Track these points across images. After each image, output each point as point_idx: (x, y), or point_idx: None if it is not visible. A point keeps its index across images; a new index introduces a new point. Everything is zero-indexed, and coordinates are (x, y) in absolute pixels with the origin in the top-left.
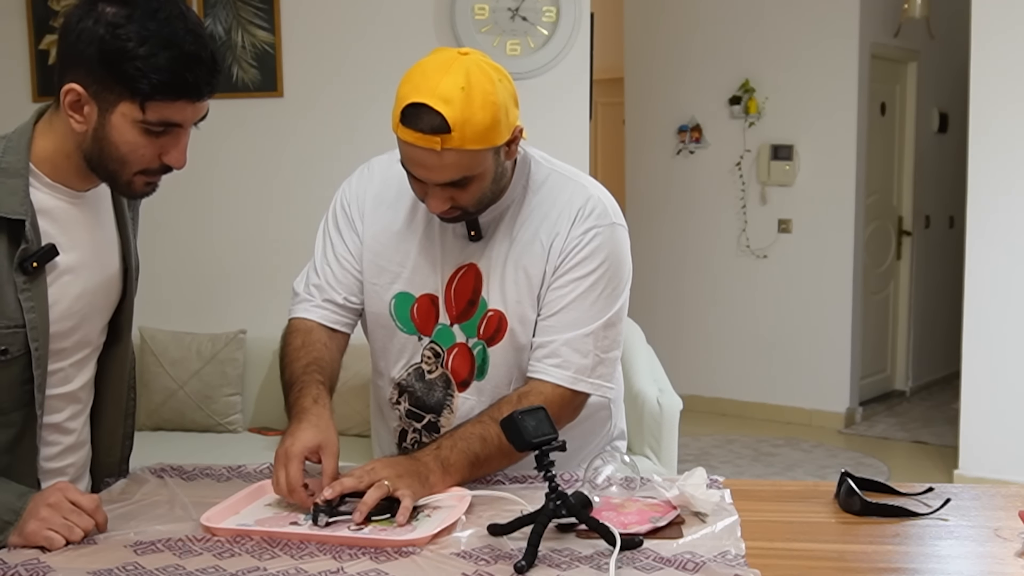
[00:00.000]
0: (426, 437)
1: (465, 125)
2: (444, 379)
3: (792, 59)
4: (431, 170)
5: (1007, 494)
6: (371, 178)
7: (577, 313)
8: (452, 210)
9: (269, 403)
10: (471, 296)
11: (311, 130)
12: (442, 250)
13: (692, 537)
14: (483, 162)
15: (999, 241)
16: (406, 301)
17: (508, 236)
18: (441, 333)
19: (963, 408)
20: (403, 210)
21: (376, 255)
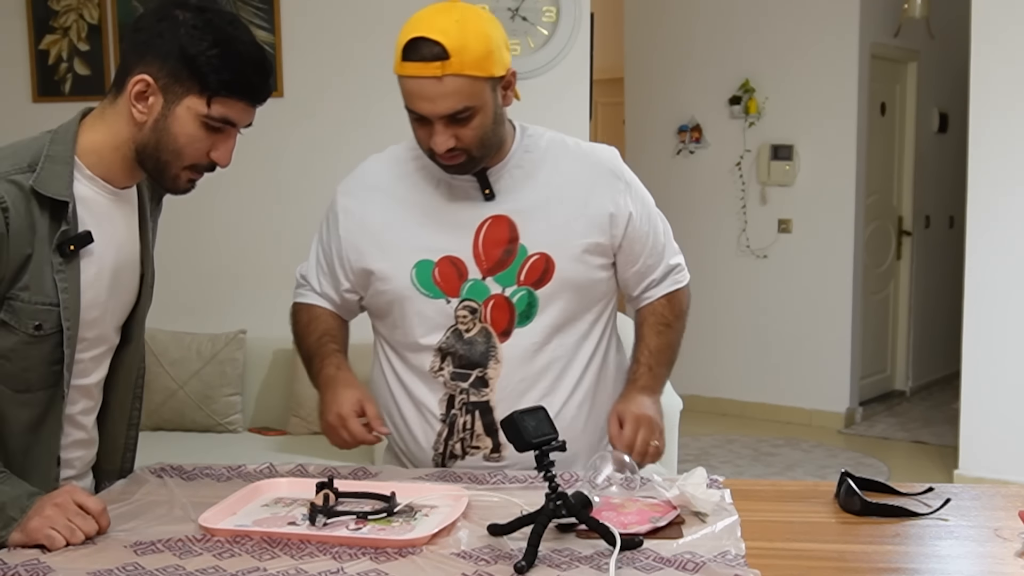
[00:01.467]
0: (475, 395)
1: (463, 51)
2: (484, 333)
3: (792, 59)
4: (434, 100)
5: (1007, 494)
6: (359, 179)
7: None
8: (457, 153)
9: (269, 403)
10: (506, 245)
11: (311, 130)
12: (457, 211)
13: (692, 537)
14: (482, 94)
15: (999, 241)
16: (426, 268)
17: (532, 186)
18: (473, 289)
19: (963, 408)
20: (406, 187)
21: (385, 234)
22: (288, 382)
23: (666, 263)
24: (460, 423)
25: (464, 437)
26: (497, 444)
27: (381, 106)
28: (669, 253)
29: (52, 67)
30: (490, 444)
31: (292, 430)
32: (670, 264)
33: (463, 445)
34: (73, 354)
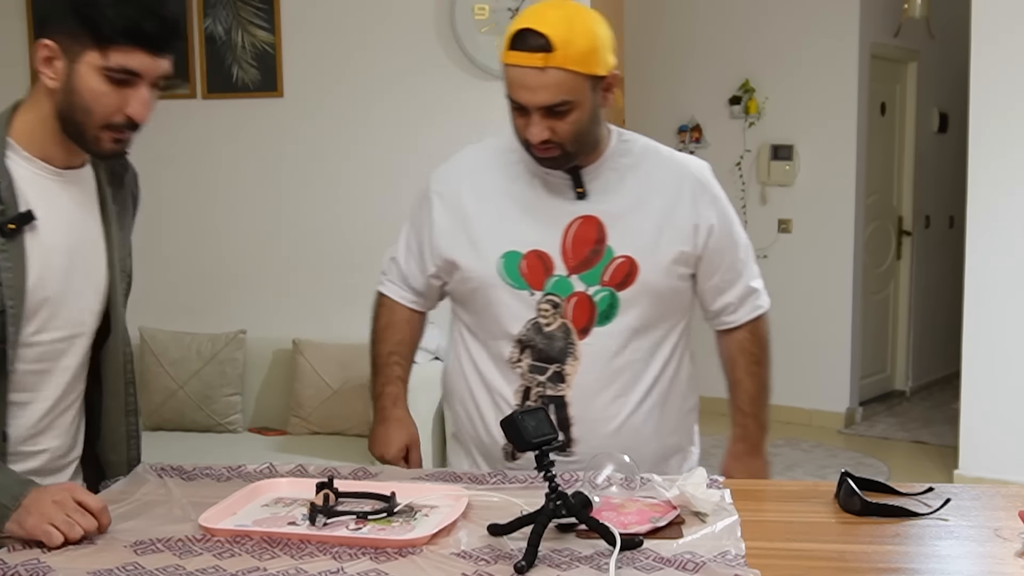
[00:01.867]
0: (551, 389)
1: (567, 45)
2: (563, 329)
3: (792, 59)
4: (535, 90)
5: (1007, 494)
6: (455, 166)
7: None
8: (551, 146)
9: (269, 403)
10: (593, 246)
11: (311, 130)
12: (548, 207)
13: (692, 537)
14: (582, 90)
15: (999, 241)
16: (514, 259)
17: (624, 190)
18: (558, 284)
19: (963, 408)
20: (500, 178)
21: (476, 222)
22: (288, 382)
23: (745, 284)
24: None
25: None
26: (569, 439)
27: (381, 105)
28: (748, 275)
29: None
30: (561, 438)
31: (292, 430)
32: (749, 286)
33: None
34: (18, 332)
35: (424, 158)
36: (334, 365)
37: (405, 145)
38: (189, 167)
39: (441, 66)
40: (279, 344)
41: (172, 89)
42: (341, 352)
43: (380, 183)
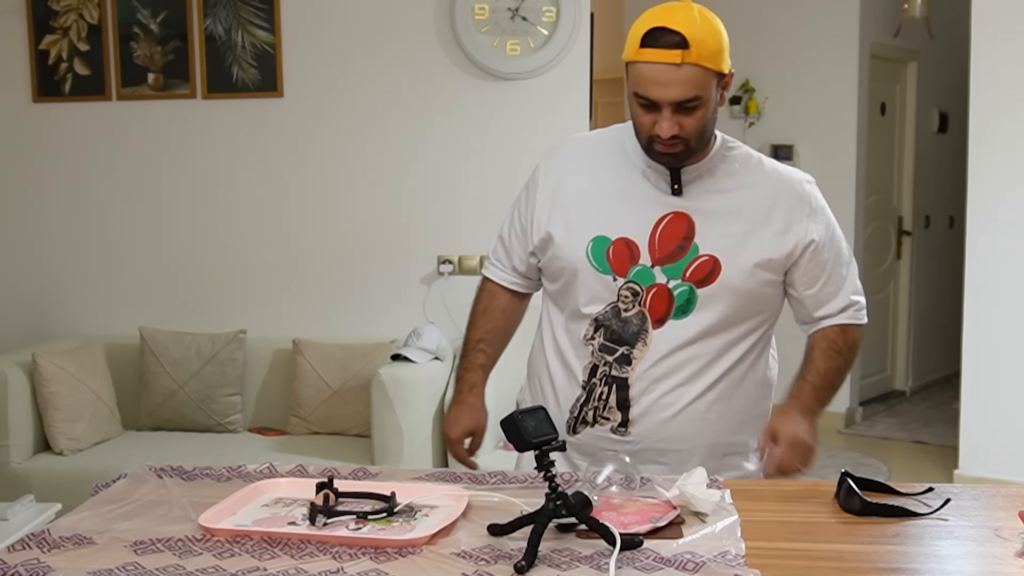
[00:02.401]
0: (616, 370)
1: (701, 44)
2: (640, 316)
3: (792, 59)
4: (668, 86)
5: (1007, 494)
6: (566, 149)
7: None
8: (677, 142)
9: (269, 403)
10: (680, 241)
11: (311, 130)
12: (643, 199)
13: (692, 537)
14: (710, 86)
15: (999, 241)
16: (602, 244)
17: (720, 193)
18: (640, 274)
19: (963, 408)
20: (602, 166)
21: (573, 204)
22: (288, 382)
23: (847, 296)
24: (597, 392)
25: (598, 406)
26: (626, 420)
27: (381, 105)
28: (850, 289)
29: (52, 67)
30: (619, 418)
31: (292, 430)
32: (851, 299)
33: (595, 413)
34: None
35: (424, 158)
36: (334, 365)
37: (405, 145)
38: (189, 167)
39: (441, 66)
40: (279, 344)
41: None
42: (341, 352)
43: (380, 183)
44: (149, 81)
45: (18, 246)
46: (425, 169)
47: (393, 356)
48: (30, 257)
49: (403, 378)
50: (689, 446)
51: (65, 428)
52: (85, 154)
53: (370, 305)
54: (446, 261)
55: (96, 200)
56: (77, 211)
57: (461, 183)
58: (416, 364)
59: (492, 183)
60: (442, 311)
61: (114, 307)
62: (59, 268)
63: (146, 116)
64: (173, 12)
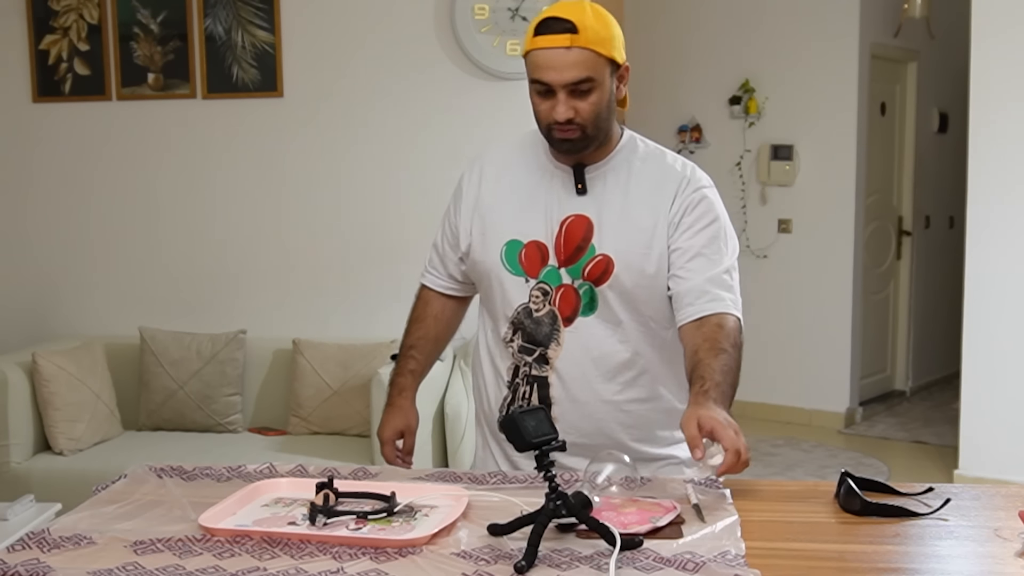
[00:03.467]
0: (536, 369)
1: (588, 29)
2: (551, 315)
3: (792, 59)
4: (561, 70)
5: (1007, 494)
6: (485, 157)
7: (708, 257)
8: (573, 127)
9: (269, 403)
10: (580, 242)
11: (311, 130)
12: (549, 202)
13: (692, 537)
14: (602, 71)
15: (999, 241)
16: (515, 247)
17: (618, 192)
18: (549, 275)
19: (963, 408)
20: (518, 170)
21: (489, 211)
22: (288, 382)
23: (708, 280)
24: (521, 391)
25: (522, 405)
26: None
27: (381, 105)
28: (719, 279)
29: (52, 67)
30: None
31: (292, 430)
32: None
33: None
34: None
35: (424, 158)
36: (334, 365)
37: (405, 145)
38: (189, 167)
39: (441, 66)
40: (279, 344)
41: (172, 89)
42: (341, 352)
43: (380, 183)
44: (149, 81)
45: (18, 246)
46: (425, 169)
47: (393, 356)
48: (30, 257)
49: None
50: (613, 441)
51: (65, 428)
52: (85, 154)
53: (370, 305)
54: None
55: (96, 200)
56: (77, 211)
57: None
58: None
59: None
60: None
61: (114, 307)
62: (59, 268)
63: (146, 116)
64: (173, 12)
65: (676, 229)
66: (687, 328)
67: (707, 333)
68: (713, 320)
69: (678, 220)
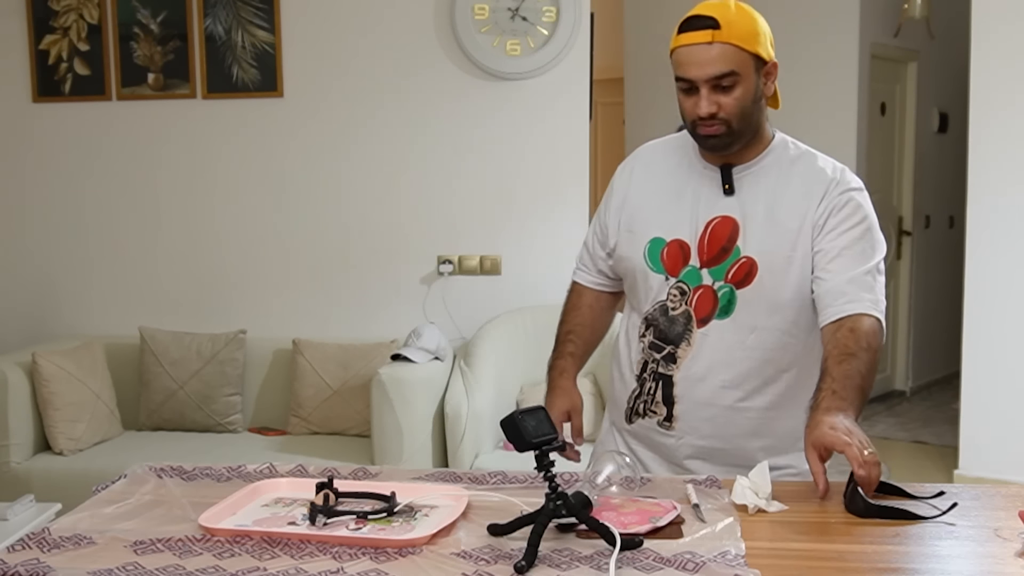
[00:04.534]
0: (663, 367)
1: (731, 24)
2: (686, 315)
3: (792, 59)
4: (702, 65)
5: (1007, 494)
6: (639, 155)
7: (852, 256)
8: (717, 122)
9: (269, 403)
10: (725, 244)
11: (311, 130)
12: (697, 202)
13: (692, 537)
14: (746, 65)
15: (999, 241)
16: (658, 245)
17: (766, 194)
18: (689, 274)
19: (963, 408)
20: (666, 170)
21: (637, 208)
22: (288, 382)
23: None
24: (647, 387)
25: (647, 400)
26: (670, 415)
27: (381, 105)
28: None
29: (52, 67)
30: (664, 412)
31: (292, 430)
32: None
33: (645, 406)
34: None
35: (424, 158)
36: (334, 365)
37: (405, 145)
38: (189, 167)
39: (441, 66)
40: (279, 344)
41: (172, 89)
42: (341, 352)
43: (380, 183)
44: (149, 81)
45: (18, 246)
46: (425, 169)
47: (393, 356)
48: (30, 257)
49: (403, 378)
50: (733, 446)
51: (65, 428)
52: (85, 154)
53: (370, 305)
54: (446, 261)
55: (96, 200)
56: (77, 211)
57: (461, 183)
58: (416, 364)
59: (492, 183)
60: (442, 311)
61: (114, 307)
62: (59, 268)
63: (146, 116)
64: (173, 12)
65: (821, 231)
66: (826, 331)
67: (840, 339)
68: (848, 324)
69: (823, 222)
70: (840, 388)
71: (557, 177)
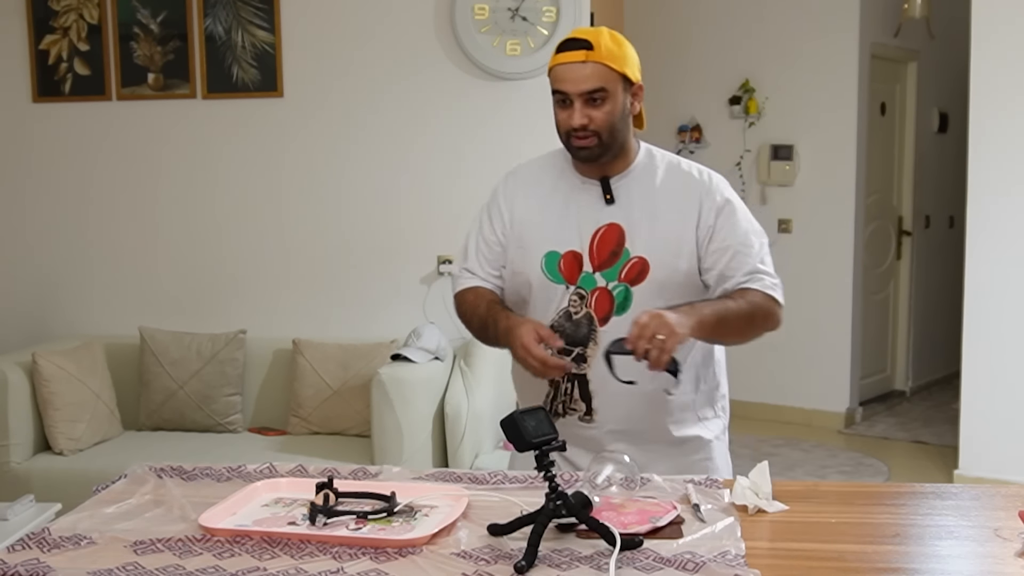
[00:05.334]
0: (576, 368)
1: (602, 47)
2: (588, 317)
3: (792, 59)
4: (577, 81)
5: (1007, 494)
6: (516, 176)
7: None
8: (589, 135)
9: (269, 403)
10: (614, 248)
11: (311, 130)
12: (580, 215)
13: (692, 537)
14: (615, 84)
15: (999, 241)
16: (553, 258)
17: (642, 199)
18: (584, 280)
19: (963, 408)
20: (547, 188)
21: (526, 228)
22: (288, 382)
23: (749, 272)
24: (563, 388)
25: (564, 400)
26: (590, 409)
27: (381, 105)
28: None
29: (52, 67)
30: (583, 408)
31: (292, 430)
32: (757, 267)
33: (564, 406)
34: None
35: (424, 157)
36: (334, 365)
37: (404, 145)
38: (189, 167)
39: (441, 66)
40: (279, 344)
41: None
42: (341, 352)
43: (380, 182)
44: (149, 81)
45: (18, 246)
46: (425, 169)
47: (393, 356)
48: (30, 257)
49: (403, 378)
50: (647, 425)
51: (65, 428)
52: (85, 154)
53: (370, 305)
54: (446, 261)
55: (96, 200)
56: (77, 211)
57: (461, 183)
58: (416, 364)
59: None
60: (442, 311)
61: (114, 307)
62: (59, 268)
63: (146, 116)
64: (173, 12)
65: (711, 232)
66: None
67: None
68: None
69: (711, 223)
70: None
71: None
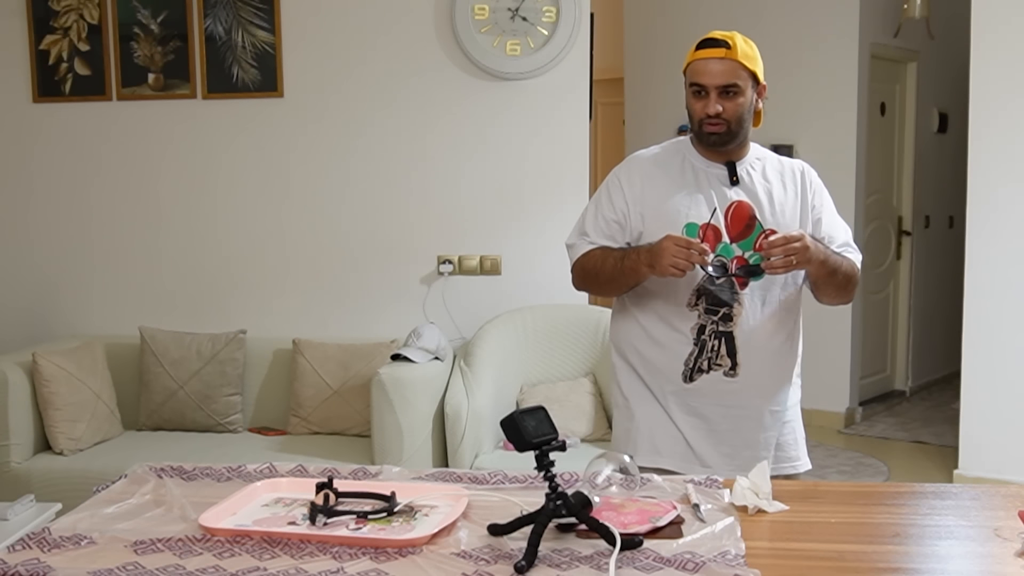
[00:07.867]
0: (722, 326)
1: (738, 48)
2: (729, 282)
3: (792, 59)
4: (714, 75)
5: (1007, 494)
6: (636, 160)
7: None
8: (720, 122)
9: (269, 403)
10: (748, 221)
11: (311, 130)
12: (710, 193)
13: (692, 537)
14: (747, 82)
15: (999, 241)
16: (693, 229)
17: (760, 183)
18: (724, 249)
19: (963, 408)
20: (673, 173)
21: (661, 203)
22: (288, 382)
23: (842, 244)
24: (709, 345)
25: (711, 356)
26: (735, 364)
27: (381, 105)
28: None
29: (52, 67)
30: (729, 363)
31: (292, 430)
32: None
33: (709, 362)
34: None
35: (424, 158)
36: (334, 365)
37: (405, 145)
38: (189, 167)
39: (441, 66)
40: (279, 344)
41: (172, 89)
42: (341, 352)
43: (380, 183)
44: (149, 81)
45: (18, 246)
46: (425, 169)
47: (393, 356)
48: (30, 257)
49: (403, 378)
50: (781, 376)
51: (65, 428)
52: (85, 154)
53: (370, 305)
54: (446, 261)
55: (96, 200)
56: (77, 211)
57: (461, 183)
58: (416, 364)
59: (492, 183)
60: (442, 311)
61: (114, 307)
62: (59, 268)
63: (146, 116)
64: (173, 12)
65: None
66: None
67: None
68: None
69: (813, 201)
70: (826, 245)
71: (557, 177)
